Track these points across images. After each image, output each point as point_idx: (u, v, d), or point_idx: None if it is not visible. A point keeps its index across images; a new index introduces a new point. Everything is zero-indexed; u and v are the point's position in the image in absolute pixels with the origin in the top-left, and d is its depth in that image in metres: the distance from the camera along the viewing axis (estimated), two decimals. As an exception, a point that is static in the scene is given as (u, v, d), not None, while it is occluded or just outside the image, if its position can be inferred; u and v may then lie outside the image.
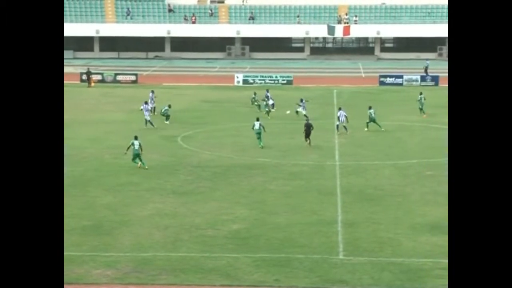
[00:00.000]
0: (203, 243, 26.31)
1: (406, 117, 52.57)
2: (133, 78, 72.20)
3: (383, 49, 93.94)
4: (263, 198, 32.18)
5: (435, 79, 70.27)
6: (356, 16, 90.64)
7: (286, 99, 58.09)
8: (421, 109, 53.25)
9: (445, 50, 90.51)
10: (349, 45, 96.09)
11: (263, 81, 70.74)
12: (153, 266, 24.15)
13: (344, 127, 46.63)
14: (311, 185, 34.26)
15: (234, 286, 22.73)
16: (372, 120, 47.38)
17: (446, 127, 47.74)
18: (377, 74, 72.94)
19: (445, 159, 39.15)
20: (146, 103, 49.94)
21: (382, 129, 47.02)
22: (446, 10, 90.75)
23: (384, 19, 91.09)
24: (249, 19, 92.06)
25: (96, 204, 31.18)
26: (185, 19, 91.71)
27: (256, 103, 55.85)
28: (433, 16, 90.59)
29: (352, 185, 34.19)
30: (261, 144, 42.30)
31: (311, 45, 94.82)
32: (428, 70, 72.96)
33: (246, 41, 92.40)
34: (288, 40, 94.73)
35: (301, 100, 52.27)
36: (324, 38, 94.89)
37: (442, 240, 26.29)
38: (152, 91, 55.25)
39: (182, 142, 44.22)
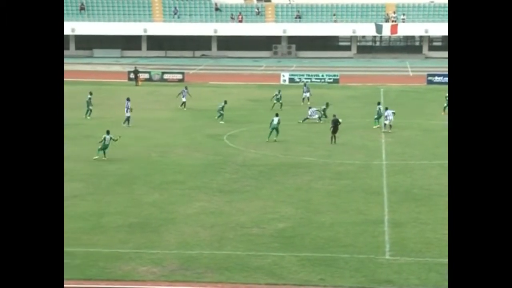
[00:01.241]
0: (248, 242, 26.34)
1: (392, 124, 52.00)
2: (179, 76, 72.58)
3: (431, 48, 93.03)
4: (308, 197, 32.11)
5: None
6: (404, 15, 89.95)
7: (331, 98, 57.85)
8: (445, 107, 52.94)
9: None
10: (397, 43, 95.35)
11: (309, 80, 70.56)
12: (198, 264, 24.25)
13: (390, 125, 46.34)
14: (357, 185, 34.09)
15: (279, 285, 22.71)
16: (380, 116, 47.50)
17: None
18: (425, 73, 72.29)
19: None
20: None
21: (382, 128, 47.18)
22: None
23: (432, 17, 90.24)
24: (296, 18, 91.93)
25: (142, 201, 31.41)
26: (231, 18, 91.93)
27: (277, 101, 55.77)
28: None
29: (398, 185, 33.95)
30: (275, 137, 42.99)
31: (358, 43, 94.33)
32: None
33: (292, 39, 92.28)
34: (335, 38, 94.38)
35: (327, 105, 51.23)
36: (372, 37, 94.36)
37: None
38: (186, 87, 56.77)
39: (227, 140, 44.34)
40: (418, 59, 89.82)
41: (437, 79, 70.19)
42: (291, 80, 71.15)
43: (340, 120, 43.60)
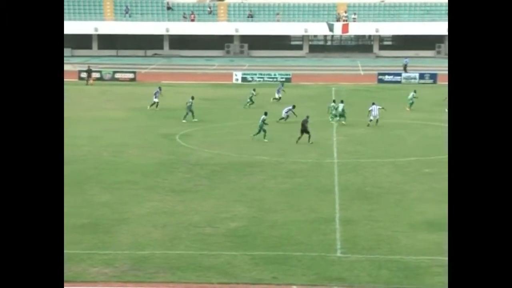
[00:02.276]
0: (201, 241, 26.32)
1: (405, 114, 52.58)
2: (131, 76, 72.17)
3: (382, 47, 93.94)
4: (261, 196, 32.19)
5: (433, 76, 70.30)
6: (355, 14, 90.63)
7: (283, 97, 58.03)
8: (411, 104, 54.24)
9: (443, 48, 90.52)
10: (348, 43, 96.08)
11: (261, 79, 70.75)
12: (151, 264, 24.16)
13: (377, 120, 47.67)
14: (310, 183, 34.27)
15: (231, 284, 22.74)
16: (336, 113, 48.53)
17: (445, 124, 47.80)
18: (376, 72, 72.97)
19: (444, 157, 39.18)
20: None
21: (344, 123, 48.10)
22: (444, 8, 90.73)
23: (383, 17, 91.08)
24: (248, 17, 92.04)
25: (94, 202, 31.18)
26: (184, 16, 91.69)
27: (250, 99, 55.96)
28: (432, 14, 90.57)
29: (350, 183, 34.21)
30: (255, 136, 43.18)
31: (310, 43, 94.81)
32: (408, 68, 73.49)
33: (244, 39, 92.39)
34: (287, 37, 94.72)
35: (293, 106, 51.46)
36: (324, 36, 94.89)
37: (439, 238, 26.30)
38: (160, 88, 56.08)
39: (180, 140, 44.22)
40: (369, 58, 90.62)
41: (387, 78, 70.91)
42: (244, 79, 71.23)
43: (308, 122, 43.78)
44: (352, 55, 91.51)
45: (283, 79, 66.72)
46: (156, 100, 54.77)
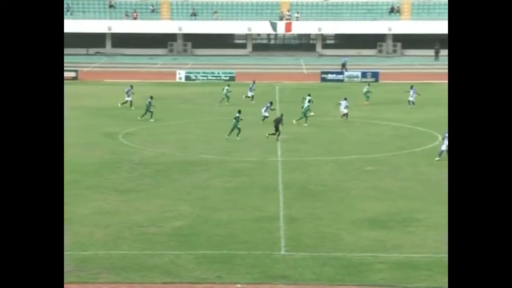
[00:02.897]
0: (145, 241, 26.16)
1: (348, 113, 52.96)
2: (73, 74, 71.31)
3: (325, 46, 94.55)
4: (206, 195, 32.13)
5: (375, 75, 71.02)
6: (298, 13, 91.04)
7: (234, 95, 58.01)
8: (367, 97, 55.85)
9: (385, 46, 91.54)
10: (291, 41, 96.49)
11: (205, 78, 70.63)
12: (94, 264, 23.92)
13: (346, 115, 49.09)
14: (254, 182, 34.34)
15: (176, 283, 22.65)
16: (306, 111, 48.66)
17: (386, 123, 48.34)
18: (319, 71, 73.41)
19: (385, 155, 39.63)
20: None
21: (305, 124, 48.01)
22: (385, 7, 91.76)
23: (326, 16, 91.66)
24: (191, 15, 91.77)
25: (36, 202, 30.70)
26: (126, 15, 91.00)
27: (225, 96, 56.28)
28: (373, 13, 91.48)
29: (294, 181, 34.37)
30: (229, 135, 43.23)
31: (254, 41, 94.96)
32: (347, 66, 74.31)
33: (188, 37, 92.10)
34: (231, 36, 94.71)
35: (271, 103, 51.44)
36: (267, 35, 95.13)
37: (381, 235, 26.64)
38: (131, 86, 55.20)
39: (123, 139, 43.89)
40: (312, 56, 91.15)
41: (330, 76, 71.41)
42: (187, 78, 71.02)
43: (282, 120, 44.16)
44: (296, 53, 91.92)
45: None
46: (128, 98, 53.91)
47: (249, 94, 58.17)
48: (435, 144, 42.56)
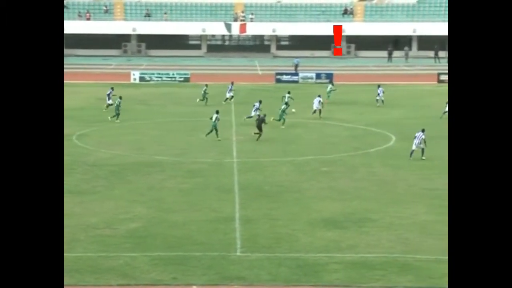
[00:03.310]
0: (100, 243, 25.92)
1: (303, 114, 53.16)
2: (26, 75, 70.45)
3: (279, 47, 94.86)
4: (161, 196, 31.96)
5: (329, 76, 71.39)
6: (252, 14, 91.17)
7: (182, 97, 57.90)
8: (329, 96, 57.18)
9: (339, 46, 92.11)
10: (246, 42, 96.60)
11: (160, 79, 70.31)
12: (48, 267, 23.60)
13: (320, 110, 50.47)
14: (210, 183, 34.25)
15: (131, 285, 22.47)
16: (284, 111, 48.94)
17: (341, 123, 48.61)
18: (274, 72, 73.56)
19: (340, 155, 39.85)
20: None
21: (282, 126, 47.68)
22: (339, 9, 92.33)
23: (280, 17, 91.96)
24: (145, 16, 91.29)
25: (-12, 205, 30.26)
26: (79, 15, 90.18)
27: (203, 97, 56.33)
28: (327, 15, 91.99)
29: (250, 182, 34.36)
30: (206, 135, 43.22)
31: (208, 42, 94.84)
32: (298, 68, 74.74)
33: (142, 38, 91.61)
34: (185, 37, 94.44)
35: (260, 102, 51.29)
36: (222, 36, 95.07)
37: (336, 235, 26.76)
38: (112, 88, 54.61)
39: (77, 140, 43.46)
40: (266, 58, 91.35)
41: (285, 77, 71.62)
42: (142, 78, 70.63)
43: (266, 121, 44.50)
44: (250, 55, 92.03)
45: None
46: (110, 102, 53.11)
47: (228, 95, 58.05)
48: (389, 144, 42.93)
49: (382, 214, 29.30)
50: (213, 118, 43.73)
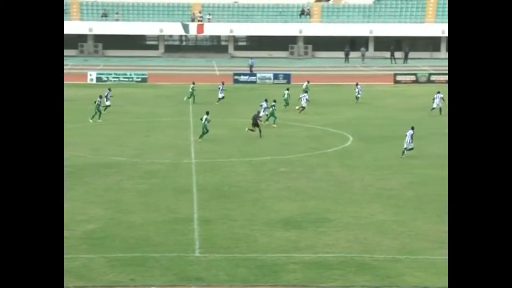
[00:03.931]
0: (56, 245, 25.65)
1: (305, 107, 53.31)
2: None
3: (237, 47, 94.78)
4: (118, 197, 31.76)
5: (287, 77, 71.56)
6: (209, 14, 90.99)
7: (140, 97, 57.58)
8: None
9: (296, 48, 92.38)
10: (203, 43, 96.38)
11: (117, 79, 69.86)
12: (4, 270, 23.32)
13: (303, 107, 52.54)
14: (167, 183, 34.13)
15: (88, 287, 22.30)
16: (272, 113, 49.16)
17: (299, 124, 48.74)
18: (231, 72, 73.54)
19: (298, 156, 40.00)
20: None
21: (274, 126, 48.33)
22: (296, 10, 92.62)
23: (237, 17, 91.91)
24: (102, 16, 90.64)
25: None
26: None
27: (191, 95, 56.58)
28: (284, 15, 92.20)
29: (208, 183, 34.31)
30: (201, 138, 43.15)
31: (166, 42, 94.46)
32: (253, 68, 74.83)
33: (99, 38, 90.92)
34: (142, 37, 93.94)
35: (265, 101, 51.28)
36: (180, 36, 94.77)
37: (294, 235, 26.84)
38: (109, 89, 53.83)
39: (33, 141, 42.94)
40: (224, 58, 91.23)
41: (243, 78, 71.63)
42: (99, 79, 70.11)
43: (261, 116, 45.79)
44: (208, 55, 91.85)
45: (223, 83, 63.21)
46: (108, 103, 52.25)
47: (220, 95, 57.88)
48: (347, 145, 43.19)
49: (340, 214, 29.47)
50: (203, 119, 43.71)
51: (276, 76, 71.67)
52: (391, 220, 28.76)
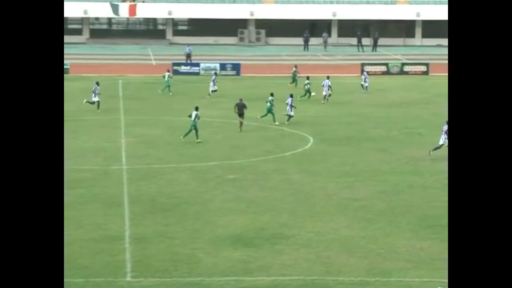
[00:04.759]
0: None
1: (206, 112, 53.14)
2: None
3: (176, 33, 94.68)
4: (34, 212, 31.43)
5: (236, 67, 71.63)
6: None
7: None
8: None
9: (247, 34, 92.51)
10: (137, 27, 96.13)
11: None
12: None
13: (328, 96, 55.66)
14: (94, 194, 33.94)
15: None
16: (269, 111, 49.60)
17: (250, 123, 48.79)
18: (170, 62, 73.37)
19: (249, 160, 40.03)
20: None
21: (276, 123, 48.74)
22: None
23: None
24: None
25: None
26: None
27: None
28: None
29: (142, 193, 34.19)
30: (198, 139, 43.49)
31: (91, 26, 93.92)
32: (191, 58, 74.99)
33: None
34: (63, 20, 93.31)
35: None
36: (108, 19, 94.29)
37: (245, 255, 26.84)
38: (97, 83, 53.64)
39: None
40: (162, 45, 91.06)
41: (184, 68, 71.48)
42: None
43: (246, 105, 46.93)
44: (142, 41, 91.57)
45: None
46: (96, 99, 52.38)
47: (214, 87, 58.76)
48: (307, 147, 43.38)
49: (299, 229, 29.56)
50: (192, 116, 43.77)
51: (223, 67, 71.68)
52: (358, 236, 28.94)
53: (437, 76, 69.57)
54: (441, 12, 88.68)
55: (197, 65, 72.38)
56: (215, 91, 58.36)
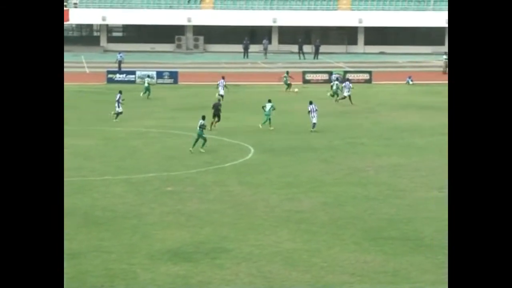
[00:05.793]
0: None
1: (142, 122, 53.04)
2: None
3: (111, 39, 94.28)
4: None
5: (174, 75, 71.51)
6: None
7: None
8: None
9: (184, 41, 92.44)
10: (69, 33, 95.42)
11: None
12: None
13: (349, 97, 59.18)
14: (25, 208, 33.55)
15: None
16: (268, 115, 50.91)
17: (188, 133, 48.75)
18: (105, 70, 73.03)
19: (187, 172, 39.97)
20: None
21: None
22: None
23: (111, 3, 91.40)
24: None
25: None
26: None
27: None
28: (170, 1, 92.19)
29: (76, 207, 33.91)
30: (195, 147, 44.16)
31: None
32: (122, 65, 74.85)
33: None
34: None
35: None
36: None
37: (184, 269, 26.79)
38: (120, 92, 53.95)
39: None
40: (95, 52, 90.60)
41: (119, 76, 71.17)
42: None
43: (221, 103, 49.67)
44: (75, 48, 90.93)
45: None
46: (119, 110, 52.61)
47: (221, 92, 59.57)
48: (247, 158, 43.44)
49: (240, 243, 29.57)
50: (198, 125, 44.08)
51: (160, 75, 71.54)
52: (301, 249, 29.03)
53: (380, 84, 70.17)
54: (383, 19, 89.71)
55: (133, 73, 72.10)
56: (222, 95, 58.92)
